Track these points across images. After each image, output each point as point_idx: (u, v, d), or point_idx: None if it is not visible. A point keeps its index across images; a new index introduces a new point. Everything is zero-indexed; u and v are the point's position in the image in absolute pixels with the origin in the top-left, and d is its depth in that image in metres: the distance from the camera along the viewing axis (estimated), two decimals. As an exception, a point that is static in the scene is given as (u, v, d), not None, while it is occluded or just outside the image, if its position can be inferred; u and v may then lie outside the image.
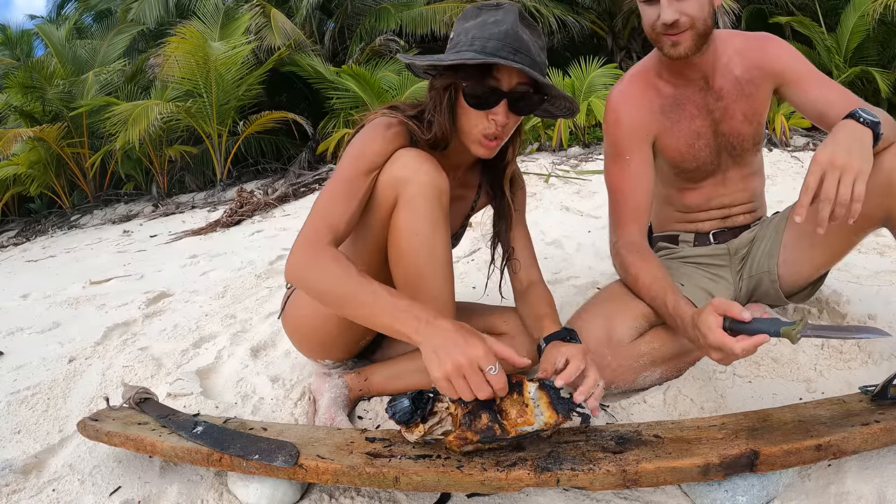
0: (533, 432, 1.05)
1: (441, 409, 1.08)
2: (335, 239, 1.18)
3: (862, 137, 1.19)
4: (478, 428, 1.01)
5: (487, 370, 0.98)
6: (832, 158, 1.15)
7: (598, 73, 6.88)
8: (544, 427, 1.05)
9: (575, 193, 4.39)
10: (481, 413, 1.02)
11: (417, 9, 8.51)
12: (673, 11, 1.37)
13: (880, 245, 2.43)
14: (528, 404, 1.04)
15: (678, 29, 1.38)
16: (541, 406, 1.06)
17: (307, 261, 1.15)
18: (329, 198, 1.22)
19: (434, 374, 0.99)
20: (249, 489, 1.13)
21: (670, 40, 1.41)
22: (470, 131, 1.24)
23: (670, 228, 1.74)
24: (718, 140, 1.55)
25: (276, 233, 4.62)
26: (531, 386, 1.07)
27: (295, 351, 1.90)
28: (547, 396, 1.07)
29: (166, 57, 7.28)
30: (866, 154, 1.17)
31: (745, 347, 1.12)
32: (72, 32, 10.09)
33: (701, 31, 1.40)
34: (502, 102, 1.19)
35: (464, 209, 1.53)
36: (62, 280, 3.81)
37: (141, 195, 8.74)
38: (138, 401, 1.38)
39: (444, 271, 1.26)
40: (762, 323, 1.13)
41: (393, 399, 1.09)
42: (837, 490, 1.04)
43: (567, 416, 1.06)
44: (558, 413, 1.06)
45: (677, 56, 1.42)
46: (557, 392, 1.08)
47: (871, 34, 6.81)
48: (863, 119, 1.21)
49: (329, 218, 1.19)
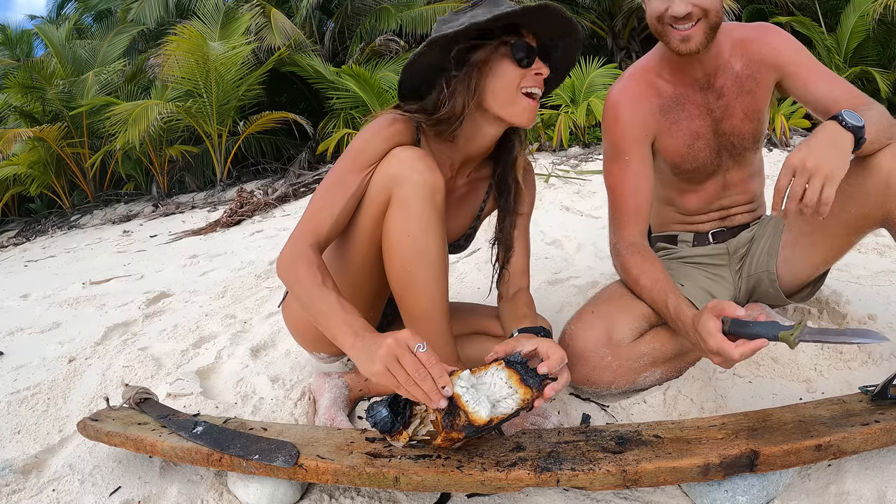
0: (513, 413, 1.05)
1: (419, 409, 1.08)
2: (318, 240, 1.22)
3: (840, 141, 1.18)
4: (460, 426, 1.02)
5: (416, 348, 1.00)
6: (803, 160, 1.15)
7: (598, 72, 6.88)
8: (521, 405, 1.05)
9: (575, 193, 4.39)
10: (458, 411, 1.03)
11: (417, 9, 8.51)
12: (686, 4, 1.31)
13: (880, 245, 2.43)
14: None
15: (690, 21, 1.33)
16: (513, 384, 1.06)
17: (284, 262, 1.20)
18: (320, 196, 1.26)
19: (371, 370, 1.01)
20: (249, 489, 1.13)
21: (680, 35, 1.35)
22: (512, 96, 1.25)
23: (669, 229, 1.74)
24: (719, 139, 1.54)
25: (276, 233, 4.62)
26: (496, 368, 1.07)
27: (295, 351, 1.90)
28: (516, 374, 1.07)
29: (166, 57, 7.28)
30: (840, 158, 1.16)
31: (743, 353, 1.12)
32: (72, 32, 10.10)
33: (713, 24, 1.35)
34: (536, 57, 1.26)
35: (473, 209, 1.52)
36: (62, 280, 3.82)
37: (141, 195, 8.74)
38: (138, 401, 1.38)
39: (436, 272, 1.25)
40: (761, 326, 1.13)
41: (370, 407, 1.09)
42: (837, 490, 1.04)
43: (539, 389, 1.06)
44: (531, 387, 1.06)
45: (687, 52, 1.37)
46: (525, 366, 1.08)
47: (871, 34, 6.81)
48: (846, 123, 1.19)
49: (315, 218, 1.24)
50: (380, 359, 1.00)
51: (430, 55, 1.26)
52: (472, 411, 1.01)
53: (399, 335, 1.01)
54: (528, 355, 1.11)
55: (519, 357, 1.09)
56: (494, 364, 1.09)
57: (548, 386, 1.07)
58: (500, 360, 1.09)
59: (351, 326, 1.07)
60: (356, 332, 1.07)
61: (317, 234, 1.23)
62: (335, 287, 1.14)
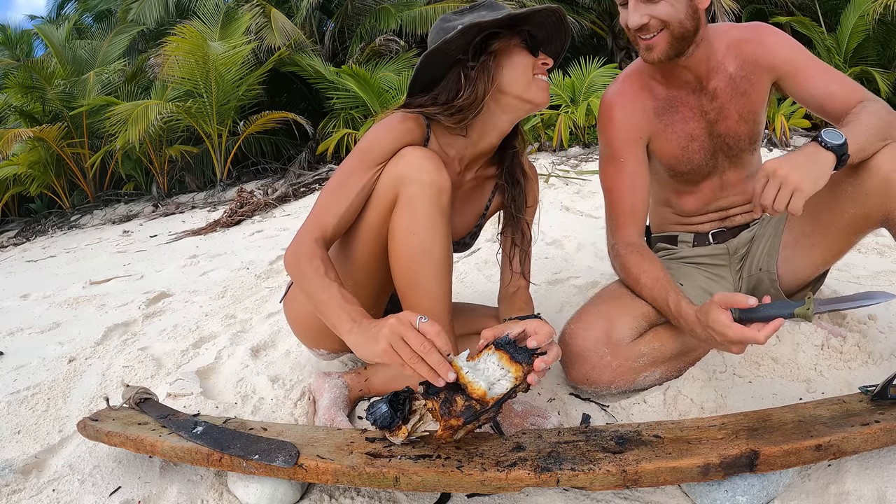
0: (508, 392, 1.05)
1: (419, 406, 1.08)
2: (324, 236, 1.25)
3: (818, 159, 1.20)
4: (458, 412, 1.03)
5: (419, 321, 1.01)
6: (776, 168, 1.18)
7: (597, 73, 6.89)
8: (515, 382, 1.05)
9: (575, 193, 4.39)
10: (454, 397, 1.04)
11: (417, 9, 8.51)
12: (640, 15, 1.35)
13: (880, 245, 2.43)
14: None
15: (648, 32, 1.37)
16: (504, 365, 1.06)
17: (290, 255, 1.24)
18: (327, 193, 1.29)
19: (374, 349, 1.02)
20: (249, 489, 1.13)
21: (644, 44, 1.40)
22: (529, 80, 1.32)
23: (669, 230, 1.74)
24: (714, 141, 1.54)
25: (276, 233, 4.62)
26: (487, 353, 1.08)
27: (295, 351, 1.90)
28: (505, 353, 1.07)
29: (166, 57, 7.28)
30: (815, 173, 1.18)
31: (767, 334, 1.13)
32: (72, 32, 10.10)
33: (677, 35, 1.37)
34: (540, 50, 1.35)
35: (479, 207, 1.53)
36: (62, 280, 3.82)
37: (141, 195, 8.74)
38: (138, 401, 1.38)
39: (440, 271, 1.26)
40: (772, 308, 1.14)
41: (371, 405, 1.10)
42: (837, 490, 1.04)
43: (529, 363, 1.06)
44: (521, 363, 1.06)
45: (651, 61, 1.41)
46: (514, 346, 1.08)
47: (871, 34, 6.81)
48: (825, 143, 1.21)
49: (322, 215, 1.27)
50: (384, 337, 1.01)
51: (459, 41, 1.28)
52: (472, 381, 1.03)
53: (400, 315, 1.04)
54: (518, 336, 1.11)
55: (507, 338, 1.09)
56: (486, 350, 1.09)
57: (538, 359, 1.06)
58: (489, 346, 1.10)
59: (349, 314, 1.09)
60: (354, 318, 1.09)
61: (323, 229, 1.25)
62: (337, 278, 1.16)
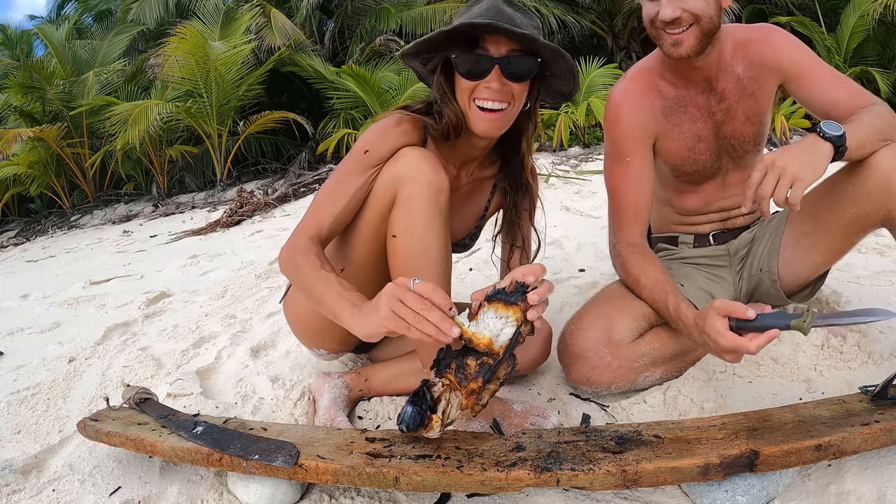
0: (514, 337, 1.05)
1: (439, 391, 1.07)
2: (319, 235, 1.25)
3: (816, 149, 1.20)
4: (473, 374, 1.03)
5: (412, 283, 1.00)
6: (774, 159, 1.18)
7: (598, 73, 6.89)
8: (518, 323, 1.05)
9: (575, 193, 4.39)
10: (465, 362, 1.04)
11: (417, 9, 8.51)
12: (673, 8, 1.32)
13: (880, 245, 2.43)
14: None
15: (680, 26, 1.34)
16: (501, 312, 1.06)
17: (285, 256, 1.24)
18: (324, 193, 1.29)
19: (378, 319, 1.01)
20: (249, 489, 1.13)
21: (671, 38, 1.36)
22: (465, 106, 1.28)
23: (670, 230, 1.74)
24: (720, 142, 1.54)
25: (276, 233, 4.62)
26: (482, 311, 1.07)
27: (295, 351, 1.90)
28: (499, 302, 1.07)
29: (166, 57, 7.27)
30: (812, 163, 1.18)
31: (759, 345, 1.12)
32: (72, 33, 10.09)
33: (706, 30, 1.36)
34: (494, 69, 1.22)
35: (478, 208, 1.53)
36: (62, 280, 3.82)
37: (141, 195, 8.74)
38: (138, 401, 1.38)
39: (439, 271, 1.26)
40: (769, 318, 1.13)
41: (398, 416, 1.08)
42: (837, 490, 1.04)
43: (524, 300, 1.05)
44: (516, 304, 1.05)
45: (678, 56, 1.38)
46: (503, 291, 1.07)
47: (871, 34, 6.82)
48: (823, 133, 1.21)
49: (318, 214, 1.27)
50: (383, 304, 1.00)
51: (412, 60, 1.32)
52: (475, 332, 1.03)
53: (394, 280, 1.03)
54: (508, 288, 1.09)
55: (496, 290, 1.08)
56: (480, 309, 1.07)
57: (531, 293, 1.05)
58: (482, 304, 1.08)
59: (349, 300, 1.10)
60: (354, 303, 1.09)
61: (318, 228, 1.26)
62: (333, 270, 1.16)
